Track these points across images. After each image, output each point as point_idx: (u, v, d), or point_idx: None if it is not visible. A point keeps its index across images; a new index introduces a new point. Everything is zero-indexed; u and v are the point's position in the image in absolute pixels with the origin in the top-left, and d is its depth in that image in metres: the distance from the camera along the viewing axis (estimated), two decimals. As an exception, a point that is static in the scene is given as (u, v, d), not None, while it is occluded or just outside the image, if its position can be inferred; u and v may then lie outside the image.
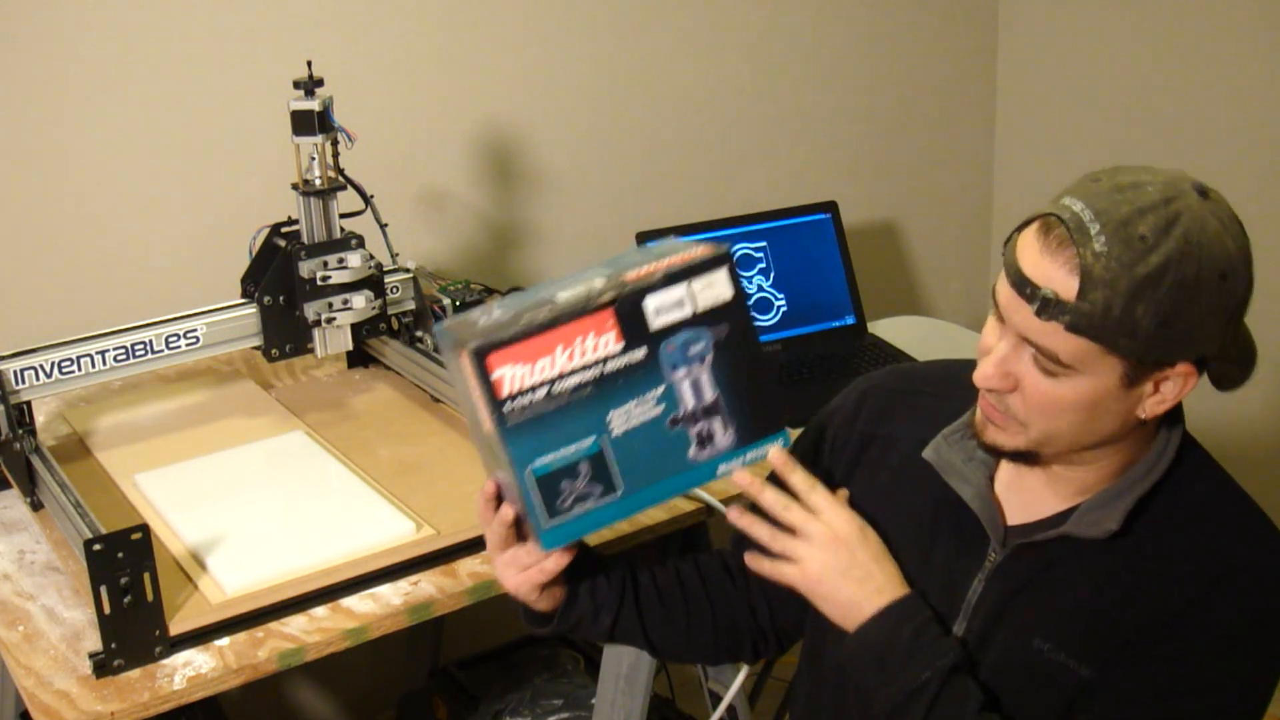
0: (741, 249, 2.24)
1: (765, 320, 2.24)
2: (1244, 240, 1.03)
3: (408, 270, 1.75)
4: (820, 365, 2.19)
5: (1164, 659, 1.07)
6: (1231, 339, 1.05)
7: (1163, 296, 0.98)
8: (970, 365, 1.12)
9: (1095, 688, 1.08)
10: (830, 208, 2.32)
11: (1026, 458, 1.10)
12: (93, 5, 1.93)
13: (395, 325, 1.75)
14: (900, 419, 1.24)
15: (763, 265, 2.25)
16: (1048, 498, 1.14)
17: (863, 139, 2.76)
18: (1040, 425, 1.06)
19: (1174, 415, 1.12)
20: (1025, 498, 1.16)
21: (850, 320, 2.30)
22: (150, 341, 1.57)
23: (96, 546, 1.19)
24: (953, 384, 1.23)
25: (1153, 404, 1.05)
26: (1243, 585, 1.07)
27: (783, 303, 2.25)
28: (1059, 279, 1.00)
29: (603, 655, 1.63)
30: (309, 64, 1.62)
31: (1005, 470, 1.17)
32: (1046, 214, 1.03)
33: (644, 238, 2.16)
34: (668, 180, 2.51)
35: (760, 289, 2.24)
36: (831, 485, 1.22)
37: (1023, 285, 1.02)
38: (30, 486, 1.51)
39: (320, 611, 1.31)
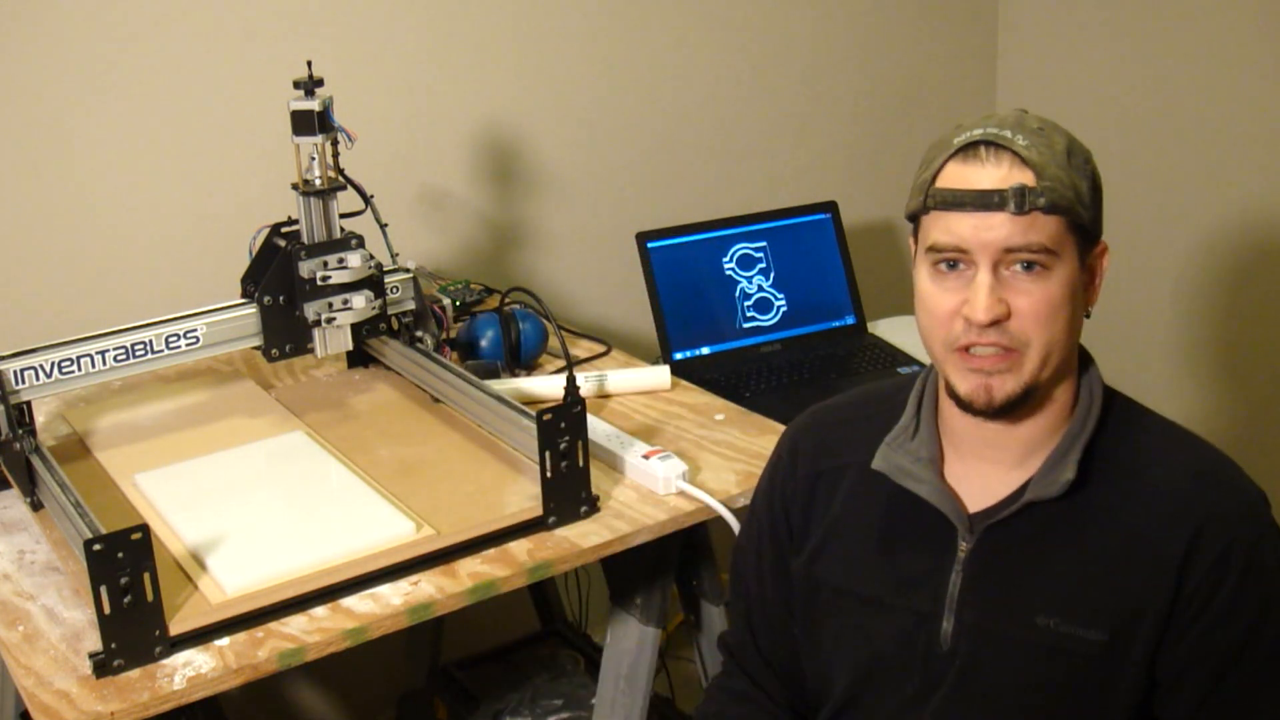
0: (741, 249, 2.24)
1: (765, 320, 2.24)
2: None
3: (408, 270, 1.75)
4: (820, 365, 2.19)
5: (1212, 623, 1.09)
6: None
7: (1082, 165, 1.10)
8: (882, 384, 1.14)
9: (1174, 678, 1.11)
10: (830, 208, 2.32)
11: (1027, 397, 1.11)
12: (93, 5, 1.93)
13: (395, 325, 1.75)
14: (840, 448, 1.26)
15: (763, 265, 2.25)
16: (997, 479, 1.16)
17: (863, 139, 2.76)
18: (1041, 338, 1.09)
19: (1085, 360, 1.18)
20: (978, 484, 1.17)
21: (850, 320, 2.30)
22: (150, 341, 1.57)
23: (96, 547, 1.19)
24: (875, 403, 1.27)
25: (1092, 293, 1.14)
26: (1232, 515, 1.10)
27: (783, 303, 2.25)
28: (1014, 175, 1.07)
29: (603, 655, 1.63)
30: (309, 64, 1.62)
31: (953, 463, 1.19)
32: (953, 152, 1.09)
33: (644, 237, 2.16)
34: (668, 180, 2.52)
35: (760, 289, 2.24)
36: (790, 536, 1.26)
37: (988, 198, 1.06)
38: (30, 486, 1.51)
39: (320, 611, 1.31)
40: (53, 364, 1.51)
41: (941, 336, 1.11)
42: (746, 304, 2.23)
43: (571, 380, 1.45)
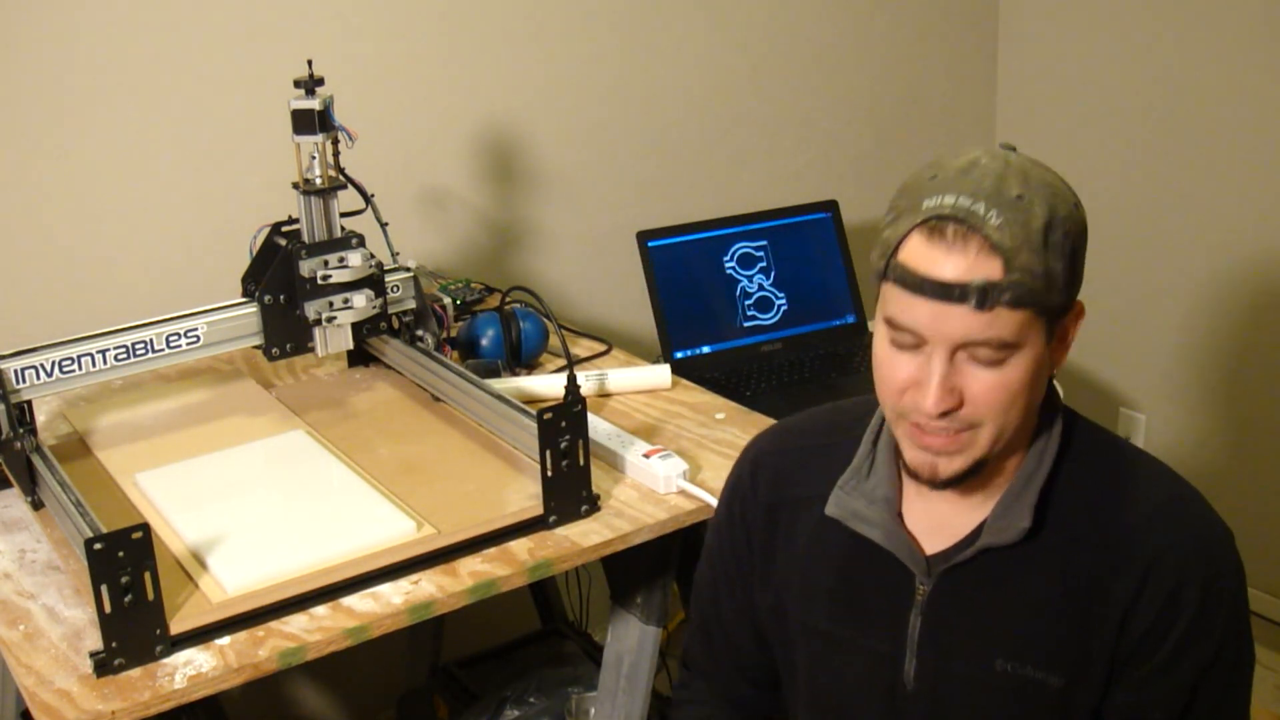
0: (742, 248, 2.24)
1: (765, 319, 2.24)
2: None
3: (408, 269, 1.75)
4: (820, 364, 2.19)
5: (1165, 665, 1.08)
6: None
7: (1060, 240, 1.01)
8: (848, 407, 1.11)
9: (1120, 707, 1.09)
10: (830, 207, 2.32)
11: (975, 470, 1.08)
12: (93, 5, 1.93)
13: (396, 324, 1.75)
14: (801, 480, 1.23)
15: (763, 264, 2.25)
16: (956, 517, 1.14)
17: (863, 139, 2.76)
18: (996, 422, 1.04)
19: (1051, 398, 1.13)
20: (935, 524, 1.15)
21: (850, 319, 2.30)
22: (151, 340, 1.57)
23: (97, 546, 1.19)
24: (838, 431, 1.22)
25: (1059, 354, 1.08)
26: (1184, 554, 1.08)
27: (783, 302, 2.25)
28: (980, 266, 0.99)
29: (603, 654, 1.63)
30: (309, 63, 1.62)
31: (910, 503, 1.17)
32: (917, 223, 1.02)
33: (645, 236, 2.16)
34: (668, 180, 2.52)
35: (761, 288, 2.24)
36: (753, 561, 1.24)
37: (949, 290, 1.00)
38: (31, 485, 1.51)
39: (321, 610, 1.31)
40: (53, 363, 1.52)
41: (893, 404, 1.08)
42: (747, 303, 2.23)
43: (572, 379, 1.45)
